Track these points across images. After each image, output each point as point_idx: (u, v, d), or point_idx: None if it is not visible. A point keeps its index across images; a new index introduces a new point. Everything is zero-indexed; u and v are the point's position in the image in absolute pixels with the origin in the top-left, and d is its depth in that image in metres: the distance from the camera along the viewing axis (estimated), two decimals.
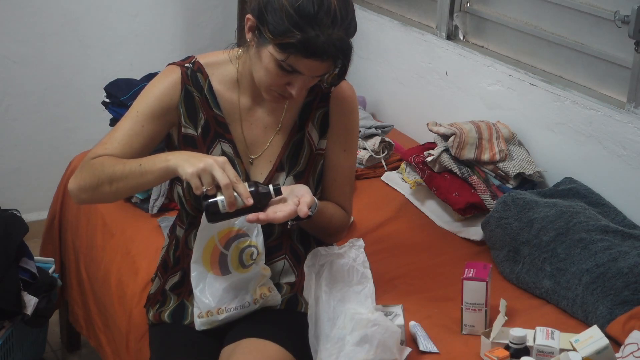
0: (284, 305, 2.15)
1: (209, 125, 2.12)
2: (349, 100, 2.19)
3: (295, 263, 2.19)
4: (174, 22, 4.06)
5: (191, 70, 2.11)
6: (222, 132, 2.12)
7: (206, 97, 2.11)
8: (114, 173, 1.99)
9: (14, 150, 3.92)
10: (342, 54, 1.93)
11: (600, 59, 2.77)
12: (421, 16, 3.52)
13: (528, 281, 2.44)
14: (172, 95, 2.10)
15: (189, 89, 2.11)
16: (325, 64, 1.93)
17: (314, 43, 1.88)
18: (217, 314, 2.08)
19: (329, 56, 1.91)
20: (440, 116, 3.08)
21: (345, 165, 2.21)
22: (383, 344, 1.96)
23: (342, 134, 2.19)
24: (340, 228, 2.24)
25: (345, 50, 1.93)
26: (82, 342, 3.28)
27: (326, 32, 1.88)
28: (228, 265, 2.07)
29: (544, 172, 2.88)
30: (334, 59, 1.93)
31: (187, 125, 2.12)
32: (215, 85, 2.12)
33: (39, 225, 3.44)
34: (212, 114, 2.12)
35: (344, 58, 1.94)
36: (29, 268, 2.81)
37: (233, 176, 1.88)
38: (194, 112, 2.11)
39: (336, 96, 2.17)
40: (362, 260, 2.11)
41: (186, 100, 2.11)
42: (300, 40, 1.87)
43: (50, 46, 3.85)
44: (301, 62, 1.92)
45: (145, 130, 2.08)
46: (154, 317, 2.20)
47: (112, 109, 3.15)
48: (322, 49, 1.89)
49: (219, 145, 2.12)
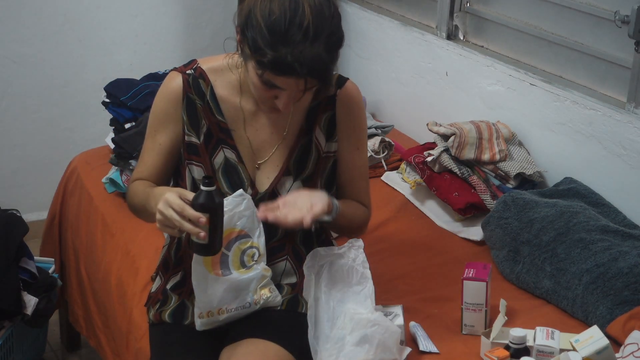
0: (284, 305, 2.15)
1: (212, 132, 2.12)
2: (355, 100, 2.20)
3: (296, 264, 2.19)
4: (174, 22, 4.06)
5: (193, 77, 2.12)
6: (224, 138, 2.12)
7: (209, 104, 2.11)
8: (137, 205, 2.14)
9: (14, 150, 3.92)
10: (314, 72, 1.89)
11: (600, 59, 2.76)
12: (421, 16, 3.52)
13: (528, 281, 2.44)
14: (175, 105, 2.12)
15: (191, 97, 2.11)
16: (301, 80, 1.91)
17: (283, 62, 1.86)
18: (218, 315, 2.08)
19: (300, 74, 1.88)
20: (440, 116, 3.08)
21: (360, 163, 2.23)
22: (383, 344, 1.96)
23: (352, 134, 2.20)
24: (363, 224, 2.28)
25: (318, 67, 1.89)
26: (82, 342, 3.28)
27: (297, 49, 1.86)
28: (229, 266, 2.06)
29: (544, 172, 2.88)
30: (308, 75, 1.90)
31: (189, 133, 2.12)
32: (218, 91, 2.12)
33: (39, 225, 3.44)
34: (215, 120, 2.12)
35: (317, 74, 1.91)
36: (29, 268, 2.82)
37: (177, 215, 1.89)
38: (195, 120, 2.12)
39: (342, 98, 2.17)
40: (361, 261, 2.11)
41: (188, 108, 2.11)
42: (270, 60, 1.87)
43: (50, 46, 3.85)
44: (277, 79, 1.91)
45: (161, 145, 2.13)
46: (155, 317, 2.20)
47: (112, 109, 3.15)
48: (292, 67, 1.87)
49: (222, 151, 2.13)
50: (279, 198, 2.09)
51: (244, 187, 2.11)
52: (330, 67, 1.93)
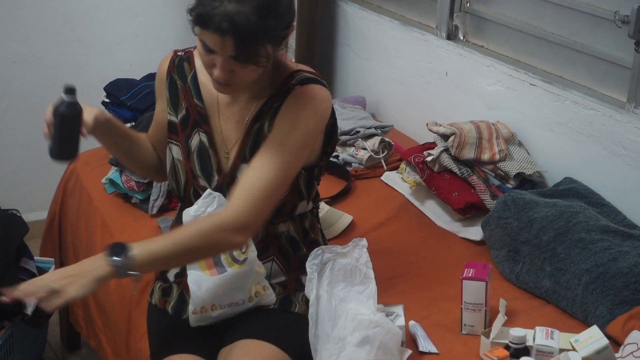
0: (277, 304, 2.16)
1: (189, 114, 2.19)
2: (308, 97, 2.08)
3: (284, 264, 2.21)
4: (174, 22, 4.06)
5: (179, 59, 2.22)
6: (200, 122, 2.18)
7: (189, 86, 2.19)
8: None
9: (14, 150, 3.92)
10: (235, 28, 1.89)
11: (600, 59, 2.76)
12: (421, 16, 3.52)
13: (528, 281, 2.44)
14: (162, 80, 2.24)
15: (174, 77, 2.22)
16: (226, 39, 1.91)
17: (207, 13, 1.91)
18: (211, 311, 2.10)
19: (221, 29, 1.90)
20: (440, 116, 3.08)
21: (275, 159, 2.02)
22: (384, 346, 1.96)
23: (284, 124, 2.07)
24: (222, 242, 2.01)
25: (244, 26, 1.89)
26: (82, 342, 3.28)
27: (223, 4, 1.90)
28: (222, 263, 2.09)
29: (544, 172, 2.88)
30: (232, 34, 1.90)
31: (170, 112, 2.22)
32: (201, 77, 2.19)
33: (39, 225, 3.44)
34: (194, 104, 2.19)
35: (239, 33, 1.90)
36: (29, 268, 2.82)
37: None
38: (176, 100, 2.21)
39: (296, 94, 2.09)
40: (365, 260, 2.11)
41: (170, 87, 2.22)
42: (197, 13, 1.94)
43: (50, 46, 3.85)
44: (205, 36, 1.95)
45: (157, 115, 2.28)
46: (159, 302, 2.24)
47: (112, 109, 3.15)
48: (212, 20, 1.90)
49: (197, 134, 2.18)
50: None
51: (211, 173, 2.17)
52: (256, 30, 1.91)
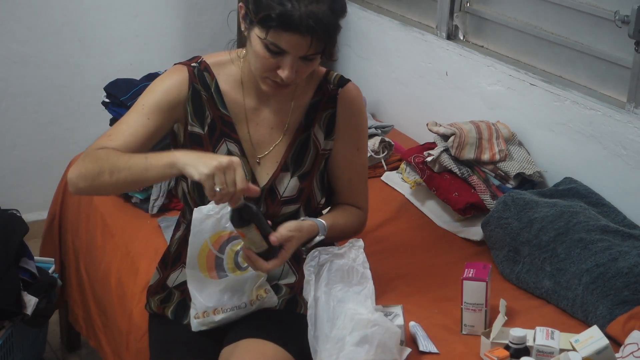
0: (283, 306, 2.16)
1: (216, 124, 2.13)
2: (357, 100, 2.22)
3: (295, 264, 2.20)
4: (174, 22, 4.06)
5: (198, 70, 2.14)
6: (228, 132, 2.14)
7: (213, 96, 2.13)
8: (118, 163, 1.96)
9: (14, 150, 3.92)
10: (321, 28, 1.89)
11: (600, 59, 2.76)
12: (421, 16, 3.52)
13: (528, 281, 2.44)
14: (179, 92, 2.11)
15: (197, 87, 2.12)
16: (305, 39, 1.91)
17: (290, 15, 1.88)
18: (214, 315, 2.09)
19: (307, 29, 1.88)
20: (440, 116, 3.08)
21: (360, 163, 2.25)
22: (383, 345, 1.96)
23: (353, 134, 2.21)
24: (358, 229, 2.30)
25: (325, 24, 1.90)
26: (82, 342, 3.28)
27: (303, 4, 1.88)
28: (224, 268, 2.08)
29: (544, 172, 2.88)
30: (312, 33, 1.90)
31: (193, 123, 2.13)
32: (222, 85, 2.14)
33: (39, 225, 3.44)
34: (219, 113, 2.14)
35: (323, 32, 1.91)
36: (29, 268, 2.82)
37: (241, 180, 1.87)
38: (200, 111, 2.13)
39: (343, 97, 2.19)
40: (361, 261, 2.11)
41: (193, 98, 2.12)
42: (277, 14, 1.88)
43: (50, 46, 3.85)
44: (282, 37, 1.91)
45: (151, 123, 2.08)
46: (158, 309, 2.22)
47: (112, 109, 3.15)
48: (299, 20, 1.88)
49: (225, 144, 2.14)
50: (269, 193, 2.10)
51: None
52: (334, 29, 1.93)
